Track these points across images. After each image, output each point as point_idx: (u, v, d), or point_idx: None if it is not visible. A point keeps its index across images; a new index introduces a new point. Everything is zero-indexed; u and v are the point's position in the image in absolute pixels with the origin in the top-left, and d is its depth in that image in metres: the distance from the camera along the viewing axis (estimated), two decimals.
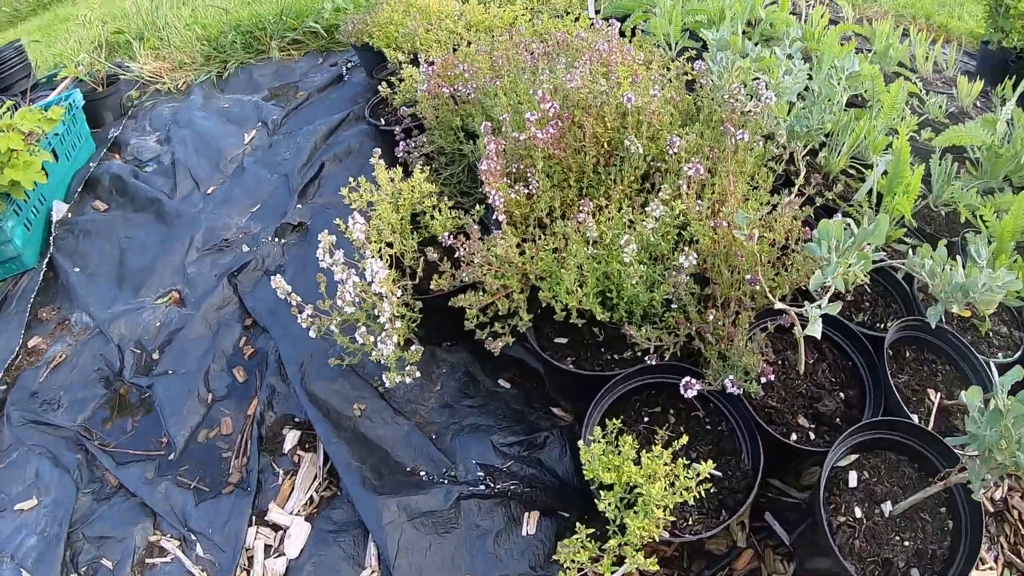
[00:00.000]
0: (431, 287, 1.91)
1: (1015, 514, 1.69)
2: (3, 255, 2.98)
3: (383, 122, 2.88)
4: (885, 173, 2.12)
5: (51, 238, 3.12)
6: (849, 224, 1.45)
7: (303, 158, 3.12)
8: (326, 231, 1.85)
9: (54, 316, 2.84)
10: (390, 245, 1.89)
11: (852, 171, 2.41)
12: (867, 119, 2.24)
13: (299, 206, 2.84)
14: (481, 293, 1.68)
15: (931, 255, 1.74)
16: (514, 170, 1.93)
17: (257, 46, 4.38)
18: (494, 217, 1.83)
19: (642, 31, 3.43)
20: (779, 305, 1.50)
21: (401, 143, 2.58)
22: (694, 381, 1.37)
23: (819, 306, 1.43)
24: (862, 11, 4.42)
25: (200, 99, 3.98)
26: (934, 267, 1.64)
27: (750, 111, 2.03)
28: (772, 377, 1.42)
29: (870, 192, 2.21)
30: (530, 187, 1.83)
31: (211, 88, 4.18)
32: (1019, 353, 1.77)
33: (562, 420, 1.88)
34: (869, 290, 1.94)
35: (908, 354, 1.73)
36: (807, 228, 1.62)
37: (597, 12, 3.83)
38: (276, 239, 2.76)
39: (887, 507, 1.44)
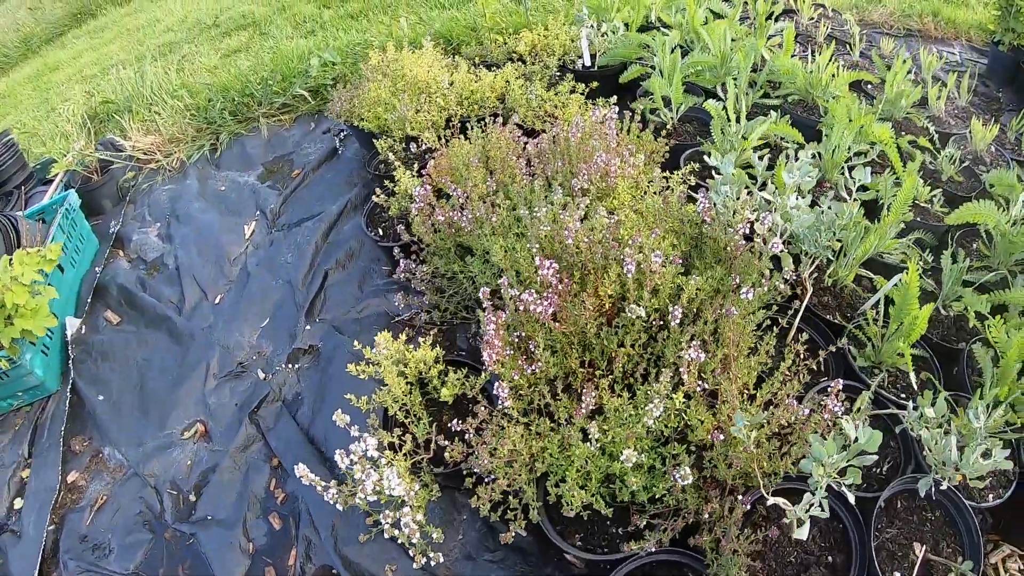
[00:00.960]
0: (445, 456, 2.08)
1: None
2: (26, 385, 3.22)
3: (381, 233, 2.98)
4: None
5: (70, 361, 3.34)
6: (843, 430, 1.55)
7: (305, 264, 3.25)
8: (339, 410, 2.01)
9: (87, 448, 3.09)
10: (400, 445, 2.05)
11: (861, 271, 2.47)
12: (876, 231, 2.28)
13: (308, 327, 2.99)
14: (490, 484, 1.84)
15: (930, 407, 1.84)
16: (516, 339, 2.05)
17: (247, 113, 4.45)
18: (497, 393, 1.96)
19: (640, 92, 3.41)
20: (772, 500, 1.63)
21: (401, 262, 2.69)
22: None
23: (807, 510, 1.56)
24: (866, 13, 4.28)
25: (196, 183, 4.09)
26: (928, 439, 1.74)
27: (755, 235, 2.09)
28: None
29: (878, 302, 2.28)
30: (534, 365, 1.95)
31: (206, 165, 4.29)
32: (1011, 491, 1.87)
33: (574, 566, 2.06)
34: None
35: (899, 504, 1.85)
36: (807, 413, 1.72)
37: (593, 56, 3.82)
38: (290, 365, 2.93)
39: None
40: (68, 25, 8.04)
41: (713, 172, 2.16)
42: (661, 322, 2.01)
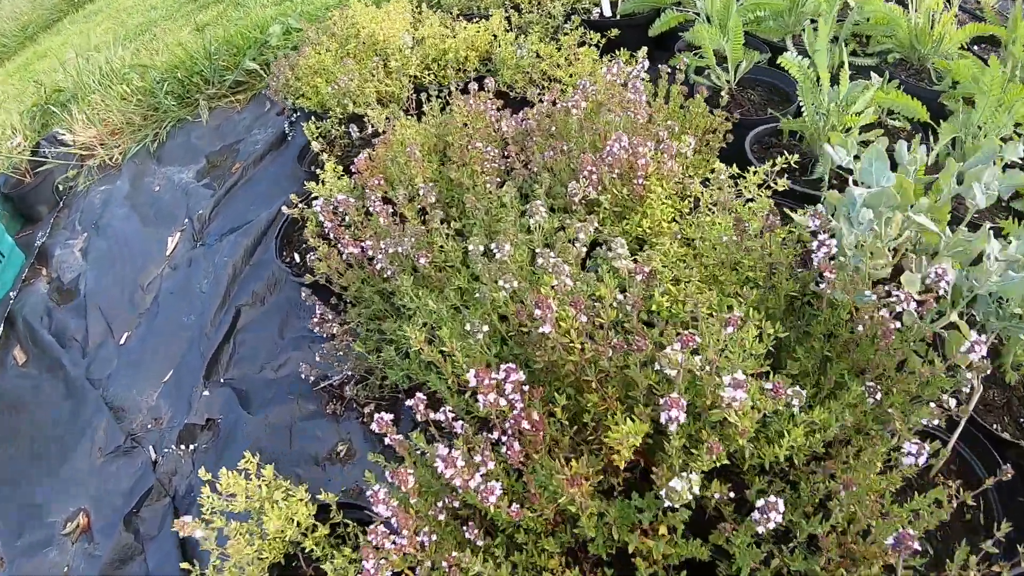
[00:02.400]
0: None
1: None
2: None
3: (296, 260, 1.93)
4: None
5: None
6: None
7: (219, 294, 2.24)
8: None
9: None
10: None
11: None
12: None
13: (206, 392, 2.00)
14: None
15: None
16: (449, 509, 0.98)
17: (197, 96, 3.43)
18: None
19: (679, 47, 2.24)
20: None
21: (317, 308, 1.65)
22: None
23: None
24: None
25: (128, 184, 3.13)
26: None
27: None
28: None
29: None
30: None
31: (146, 159, 3.31)
32: None
33: None
34: None
35: None
36: None
37: (614, 4, 2.61)
38: (182, 446, 1.95)
39: None
40: (64, 11, 7.19)
41: (824, 179, 1.01)
42: (733, 495, 0.90)
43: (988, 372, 0.98)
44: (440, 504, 0.97)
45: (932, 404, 0.96)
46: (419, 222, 1.41)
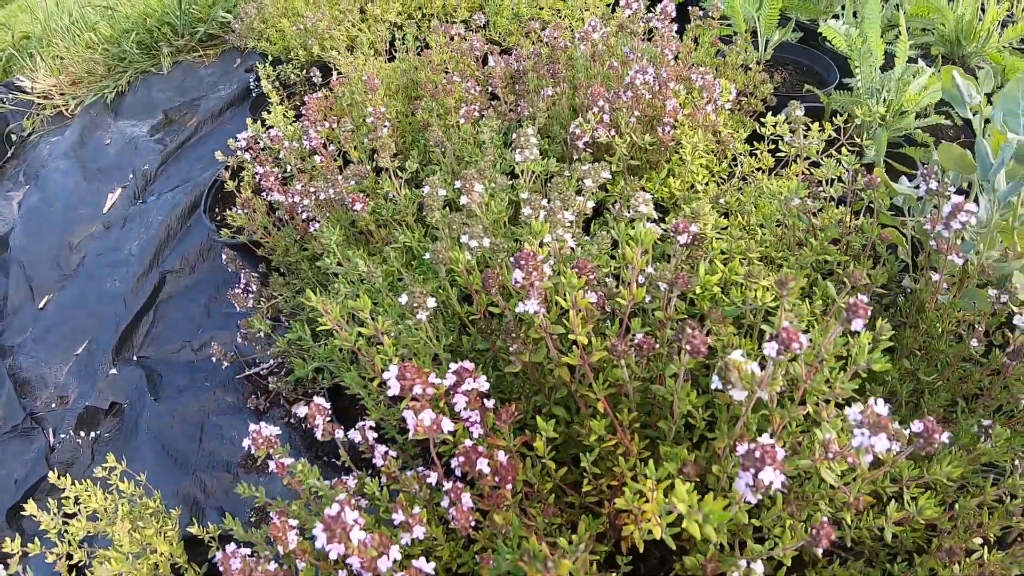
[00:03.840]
0: None
1: None
2: None
3: (226, 220, 1.50)
4: None
5: None
6: None
7: (147, 258, 1.80)
8: None
9: None
10: None
11: None
12: None
13: (113, 371, 1.56)
14: None
15: None
16: None
17: (165, 48, 2.96)
18: None
19: (703, 14, 1.85)
20: None
21: (242, 275, 1.23)
22: None
23: None
24: None
25: (76, 135, 2.66)
26: None
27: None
28: None
29: None
30: None
31: (103, 111, 2.84)
32: None
33: None
34: None
35: None
36: None
37: None
38: (81, 432, 1.51)
39: None
40: None
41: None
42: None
43: None
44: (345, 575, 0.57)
45: None
46: (370, 167, 1.00)
